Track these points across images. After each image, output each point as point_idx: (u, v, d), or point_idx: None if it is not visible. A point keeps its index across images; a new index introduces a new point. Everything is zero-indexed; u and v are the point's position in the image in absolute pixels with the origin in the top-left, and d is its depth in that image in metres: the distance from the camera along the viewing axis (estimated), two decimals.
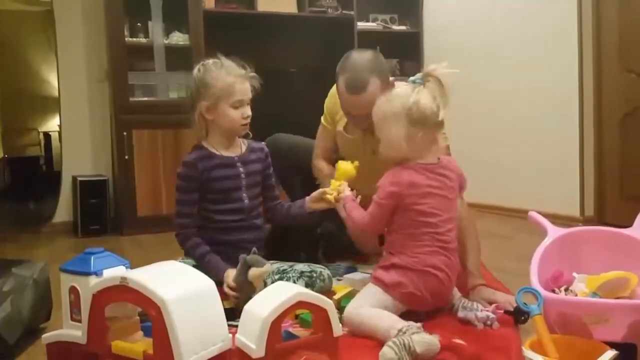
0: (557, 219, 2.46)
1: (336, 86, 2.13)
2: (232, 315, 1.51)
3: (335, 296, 1.85)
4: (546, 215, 1.78)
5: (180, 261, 1.80)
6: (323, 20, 4.53)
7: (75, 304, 1.37)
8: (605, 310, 1.35)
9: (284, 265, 2.04)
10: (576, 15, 3.49)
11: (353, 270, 2.32)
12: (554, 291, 1.57)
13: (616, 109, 3.40)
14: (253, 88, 2.08)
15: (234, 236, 2.08)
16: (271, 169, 2.24)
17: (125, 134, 3.72)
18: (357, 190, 1.90)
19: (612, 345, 1.25)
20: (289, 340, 1.34)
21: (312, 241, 2.46)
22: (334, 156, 2.45)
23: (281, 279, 1.95)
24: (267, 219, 2.25)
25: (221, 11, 4.20)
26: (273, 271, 1.98)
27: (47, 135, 7.74)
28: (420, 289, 1.65)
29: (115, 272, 1.34)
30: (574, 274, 1.60)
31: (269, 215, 2.24)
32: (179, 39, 3.98)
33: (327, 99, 2.43)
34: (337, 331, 1.32)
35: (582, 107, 3.51)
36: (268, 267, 1.80)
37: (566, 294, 1.56)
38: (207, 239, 2.06)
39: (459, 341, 1.49)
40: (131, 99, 3.80)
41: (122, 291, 1.24)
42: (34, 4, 6.77)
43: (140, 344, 1.28)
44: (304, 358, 1.22)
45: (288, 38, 4.43)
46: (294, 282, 1.93)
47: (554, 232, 1.68)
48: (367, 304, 1.64)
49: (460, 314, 1.70)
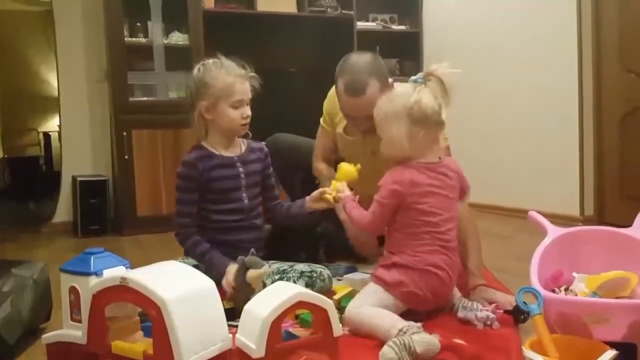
0: (557, 219, 2.45)
1: (335, 89, 2.13)
2: (232, 315, 1.51)
3: (335, 296, 1.85)
4: (546, 215, 1.78)
5: (180, 261, 1.80)
6: (323, 20, 4.53)
7: (75, 304, 1.37)
8: (605, 310, 1.35)
9: (284, 266, 2.04)
10: (576, 15, 3.49)
11: (353, 270, 2.31)
12: (554, 291, 1.57)
13: (616, 109, 3.40)
14: (253, 88, 2.08)
15: (234, 236, 2.08)
16: (271, 169, 2.24)
17: (125, 134, 3.72)
18: (356, 192, 1.90)
19: (612, 345, 1.25)
20: (289, 340, 1.34)
21: (312, 241, 2.46)
22: (333, 156, 2.46)
23: (281, 279, 1.95)
24: (267, 219, 2.25)
25: (221, 11, 4.20)
26: (273, 271, 1.98)
27: (47, 135, 7.73)
28: (421, 288, 1.65)
29: (115, 272, 1.34)
30: (574, 274, 1.60)
31: (268, 215, 2.24)
32: (178, 38, 3.98)
33: (325, 101, 2.43)
34: (337, 331, 1.32)
35: (582, 107, 3.52)
36: (266, 269, 1.80)
37: (566, 294, 1.56)
38: (206, 239, 2.06)
39: (459, 341, 1.49)
40: (131, 99, 3.80)
41: (122, 291, 1.24)
42: (34, 4, 6.77)
43: (140, 344, 1.28)
44: (304, 358, 1.22)
45: (288, 38, 4.43)
46: (294, 282, 1.93)
47: (553, 231, 1.68)
48: (368, 303, 1.64)
49: (460, 314, 1.70)
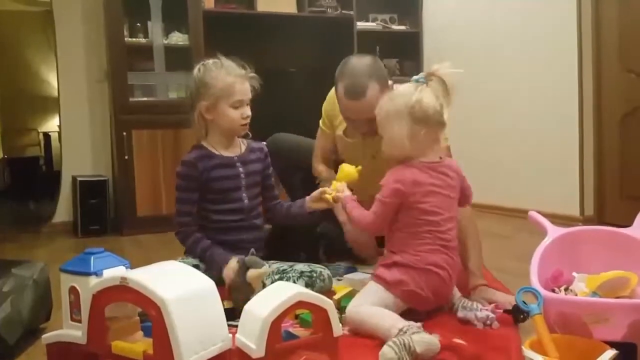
0: (557, 219, 2.45)
1: (335, 92, 2.13)
2: (232, 315, 1.51)
3: (335, 296, 1.85)
4: (546, 215, 1.78)
5: (180, 261, 1.80)
6: (322, 20, 4.53)
7: (75, 304, 1.36)
8: (605, 310, 1.35)
9: (284, 265, 2.04)
10: (576, 15, 3.49)
11: (353, 270, 2.31)
12: (553, 291, 1.57)
13: (616, 109, 3.40)
14: (253, 88, 2.08)
15: (234, 236, 2.08)
16: (271, 169, 2.24)
17: (125, 134, 3.72)
18: (356, 194, 1.90)
19: (612, 344, 1.24)
20: (289, 340, 1.34)
21: (312, 241, 2.46)
22: (333, 157, 2.46)
23: (281, 279, 1.95)
24: (267, 218, 2.25)
25: (221, 11, 4.20)
26: (273, 271, 1.98)
27: (46, 136, 7.72)
28: (422, 287, 1.65)
29: (115, 272, 1.34)
30: (574, 274, 1.60)
31: (268, 215, 2.24)
32: (178, 39, 3.98)
33: (325, 103, 2.43)
34: (337, 331, 1.32)
35: (582, 107, 3.52)
36: (266, 269, 1.80)
37: (566, 294, 1.55)
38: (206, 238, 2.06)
39: (459, 341, 1.49)
40: (131, 99, 3.80)
41: (122, 291, 1.24)
42: (34, 4, 6.76)
43: (140, 344, 1.28)
44: (304, 358, 1.22)
45: (288, 38, 4.43)
46: (294, 282, 1.93)
47: (553, 231, 1.68)
48: (369, 302, 1.64)
49: (460, 313, 1.70)
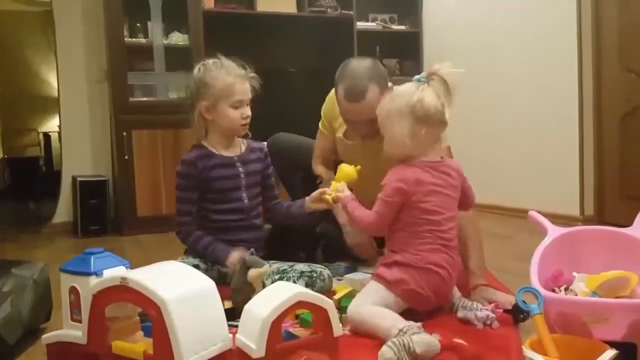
0: (557, 219, 2.45)
1: (335, 94, 2.13)
2: (232, 315, 1.51)
3: (335, 296, 1.85)
4: (546, 215, 1.78)
5: (180, 261, 1.80)
6: (322, 20, 4.53)
7: (75, 304, 1.37)
8: (605, 310, 1.35)
9: (284, 265, 2.04)
10: (576, 15, 3.49)
11: (353, 270, 2.31)
12: (554, 290, 1.57)
13: (616, 109, 3.40)
14: (253, 88, 2.08)
15: (234, 236, 2.08)
16: (271, 169, 2.24)
17: (125, 134, 3.72)
18: (356, 195, 1.90)
19: (612, 344, 1.24)
20: (289, 340, 1.34)
21: (312, 241, 2.46)
22: (333, 157, 2.46)
23: (281, 278, 1.95)
24: (267, 218, 2.25)
25: (221, 11, 4.20)
26: (273, 271, 1.98)
27: (46, 136, 7.72)
28: (422, 286, 1.65)
29: (115, 272, 1.34)
30: (574, 274, 1.60)
31: (268, 215, 2.24)
32: (178, 39, 3.98)
33: (324, 105, 2.43)
34: (337, 331, 1.32)
35: (582, 107, 3.52)
36: (267, 268, 1.80)
37: (566, 294, 1.55)
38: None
39: (459, 341, 1.49)
40: (131, 99, 3.81)
41: (122, 291, 1.24)
42: (34, 4, 6.76)
43: (141, 344, 1.28)
44: (304, 358, 1.22)
45: (288, 38, 4.43)
46: (294, 282, 1.93)
47: (554, 231, 1.68)
48: (369, 301, 1.64)
49: (460, 313, 1.70)
